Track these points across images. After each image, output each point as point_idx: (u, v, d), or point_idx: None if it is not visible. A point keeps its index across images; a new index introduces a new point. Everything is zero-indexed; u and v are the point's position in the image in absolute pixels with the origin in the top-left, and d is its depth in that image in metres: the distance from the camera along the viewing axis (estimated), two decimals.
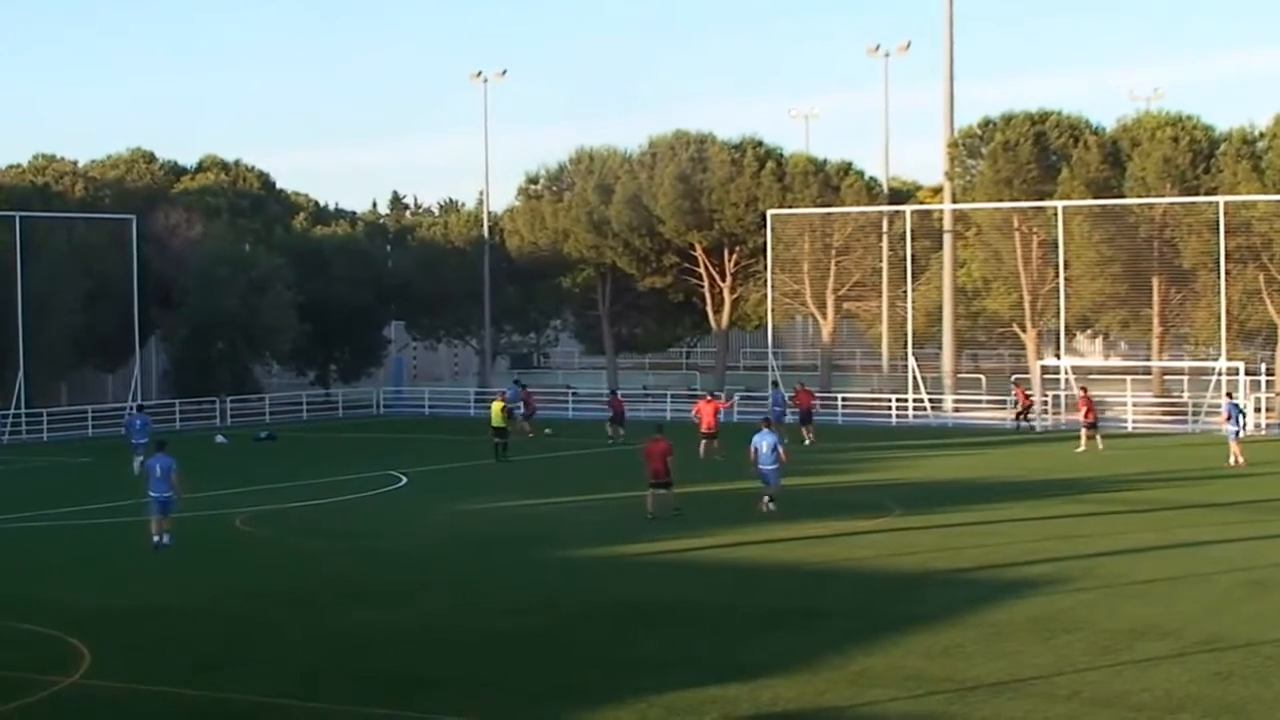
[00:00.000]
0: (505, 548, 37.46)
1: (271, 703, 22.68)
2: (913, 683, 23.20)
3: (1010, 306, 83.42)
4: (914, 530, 39.27)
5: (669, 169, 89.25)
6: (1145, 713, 21.52)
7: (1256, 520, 40.96)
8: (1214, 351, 74.67)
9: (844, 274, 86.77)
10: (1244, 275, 77.30)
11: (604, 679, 23.75)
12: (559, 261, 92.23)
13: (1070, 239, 78.21)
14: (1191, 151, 78.67)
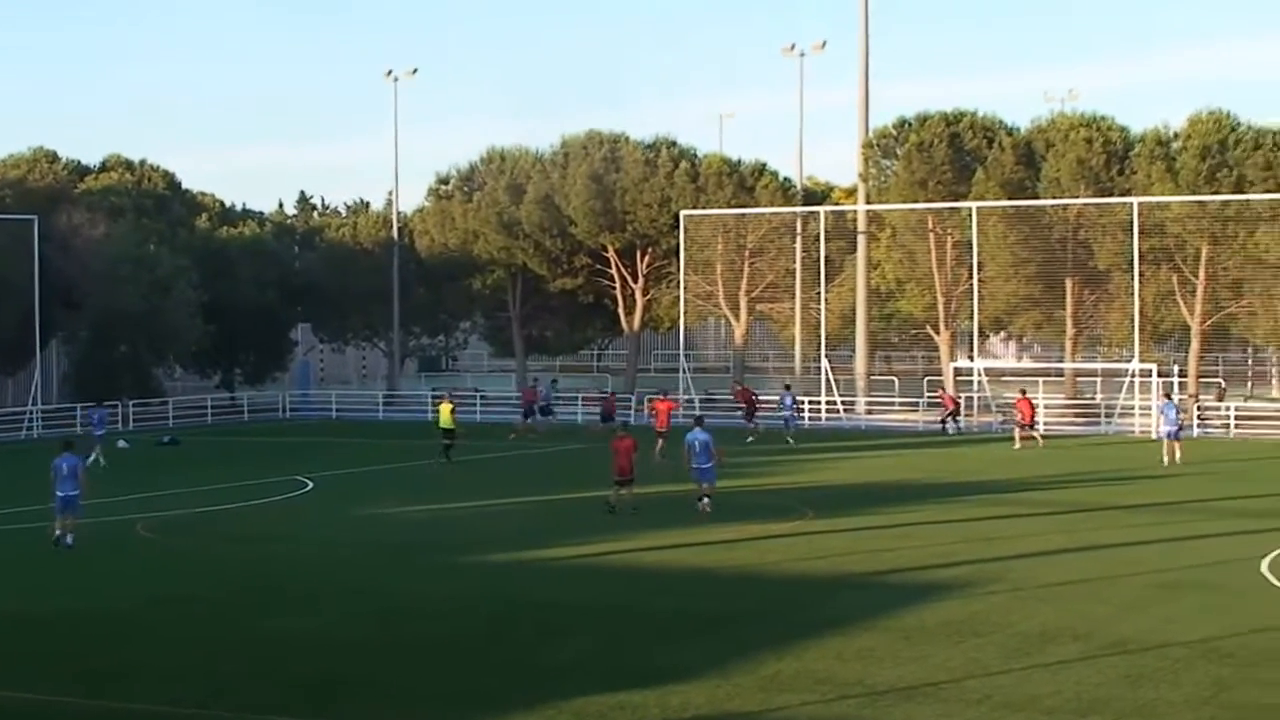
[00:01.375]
0: (416, 553, 37.34)
1: (178, 712, 22.56)
2: (824, 687, 23.30)
3: (924, 308, 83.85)
4: (826, 534, 39.42)
5: (581, 169, 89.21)
6: (1056, 716, 21.68)
7: (1167, 522, 41.28)
8: (1127, 353, 75.30)
9: (757, 275, 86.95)
10: (1157, 277, 77.94)
11: (514, 684, 23.75)
12: (469, 263, 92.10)
13: (984, 240, 78.69)
14: (1105, 153, 79.26)
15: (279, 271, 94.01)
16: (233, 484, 52.08)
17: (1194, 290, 78.02)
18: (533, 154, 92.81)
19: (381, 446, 66.96)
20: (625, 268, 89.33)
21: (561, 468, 58.53)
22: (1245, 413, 74.60)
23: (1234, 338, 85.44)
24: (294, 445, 68.36)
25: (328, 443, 69.62)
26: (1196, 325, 78.48)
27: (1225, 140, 77.39)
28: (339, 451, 64.77)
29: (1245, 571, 33.23)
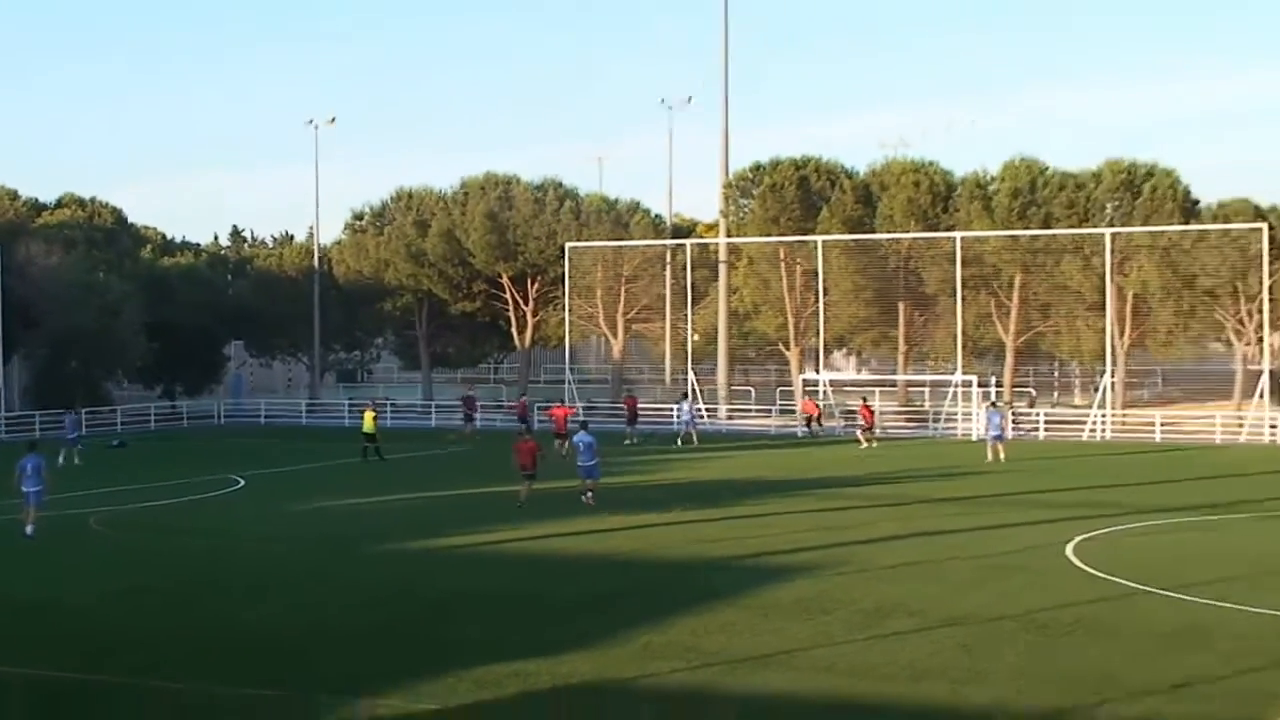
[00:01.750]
0: (334, 544, 36.97)
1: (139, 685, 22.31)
2: (690, 655, 23.28)
3: (777, 328, 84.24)
4: (695, 523, 39.40)
5: (479, 206, 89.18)
6: (893, 682, 21.75)
7: (986, 512, 41.58)
8: (951, 366, 75.83)
9: (633, 299, 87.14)
10: (977, 301, 78.68)
11: (421, 660, 23.60)
12: (381, 288, 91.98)
13: (829, 269, 79.06)
14: (932, 194, 79.96)
15: (214, 296, 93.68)
16: (174, 482, 51.53)
17: (1008, 312, 78.84)
18: (436, 193, 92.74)
19: (304, 448, 66.45)
20: (517, 293, 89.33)
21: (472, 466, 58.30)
22: (1052, 418, 75.27)
23: (1042, 353, 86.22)
24: (227, 448, 67.69)
25: (257, 445, 69.02)
26: (1010, 342, 79.29)
27: (1034, 183, 78.25)
28: (267, 453, 64.22)
29: (1053, 555, 33.47)
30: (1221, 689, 21.01)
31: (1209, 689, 21.01)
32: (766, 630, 25.25)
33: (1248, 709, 19.87)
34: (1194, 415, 73.41)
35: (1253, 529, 38.41)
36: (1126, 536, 36.72)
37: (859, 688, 21.46)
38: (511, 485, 45.57)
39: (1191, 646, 23.69)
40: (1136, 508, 42.19)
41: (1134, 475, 52.85)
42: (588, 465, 43.50)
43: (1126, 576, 30.15)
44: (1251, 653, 23.12)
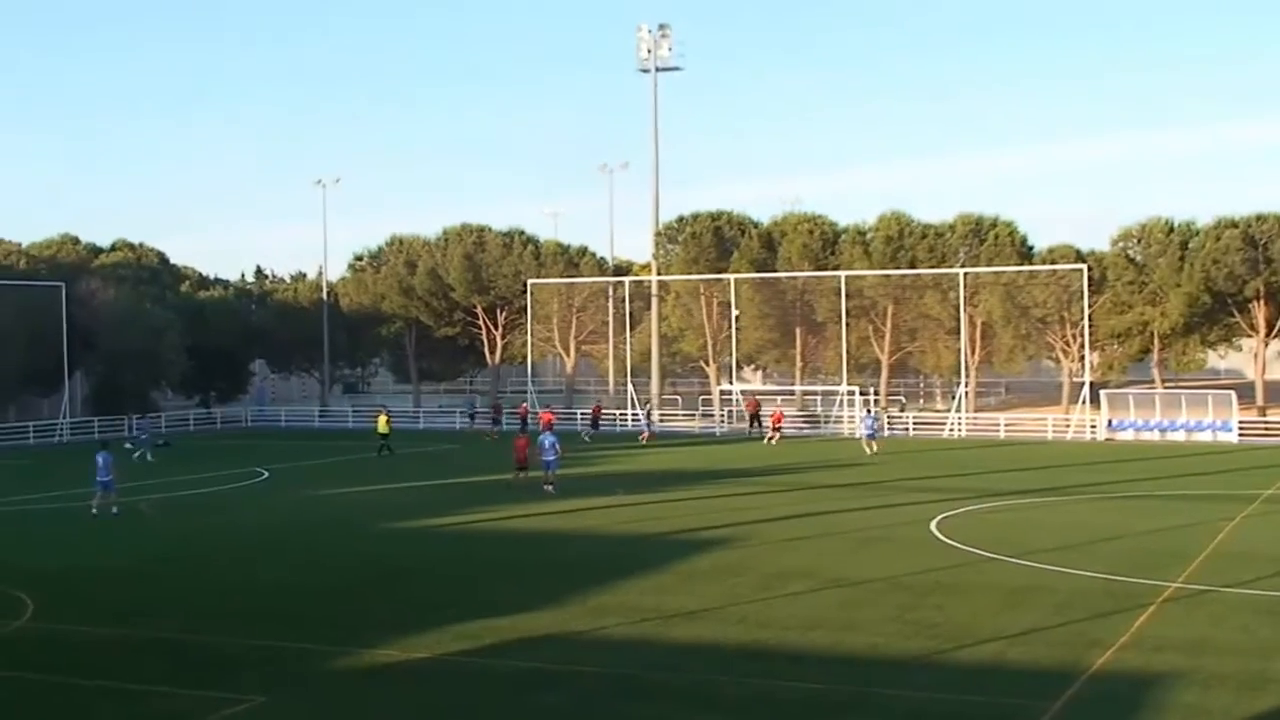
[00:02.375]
0: (339, 523, 36.89)
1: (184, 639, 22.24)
2: (632, 612, 23.40)
3: (698, 348, 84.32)
4: (633, 506, 39.50)
5: (458, 250, 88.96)
6: (791, 631, 21.92)
7: (868, 495, 41.77)
8: (838, 379, 76.06)
9: (583, 325, 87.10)
10: (858, 327, 78.92)
11: (408, 616, 23.61)
12: (378, 316, 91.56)
13: (739, 301, 79.16)
14: (821, 240, 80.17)
15: (241, 322, 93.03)
16: (209, 474, 51.22)
17: (883, 336, 79.09)
18: (423, 239, 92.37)
19: (317, 446, 66.05)
20: (489, 320, 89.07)
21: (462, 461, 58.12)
22: (919, 420, 75.55)
23: (910, 368, 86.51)
24: (254, 446, 67.09)
25: (278, 444, 68.54)
26: (885, 359, 79.53)
27: (903, 232, 78.57)
28: (287, 451, 63.84)
29: (919, 529, 33.71)
30: (1053, 636, 21.26)
31: (1043, 636, 21.25)
32: (691, 592, 25.38)
33: (1074, 653, 20.12)
34: (1030, 417, 73.88)
35: (1078, 508, 38.78)
36: (980, 514, 37.00)
37: (764, 636, 21.62)
38: (491, 476, 45.67)
39: (1030, 603, 23.94)
40: (987, 491, 42.50)
41: (984, 465, 53.19)
42: (549, 459, 43.51)
43: (978, 546, 30.41)
44: (1077, 607, 23.39)
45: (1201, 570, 27.03)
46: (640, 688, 18.74)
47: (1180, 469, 50.68)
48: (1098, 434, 67.74)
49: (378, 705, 18.21)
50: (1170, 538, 31.99)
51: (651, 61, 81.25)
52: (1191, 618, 22.67)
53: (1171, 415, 67.04)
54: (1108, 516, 36.39)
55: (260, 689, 18.70)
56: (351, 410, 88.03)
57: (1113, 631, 21.40)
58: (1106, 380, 76.32)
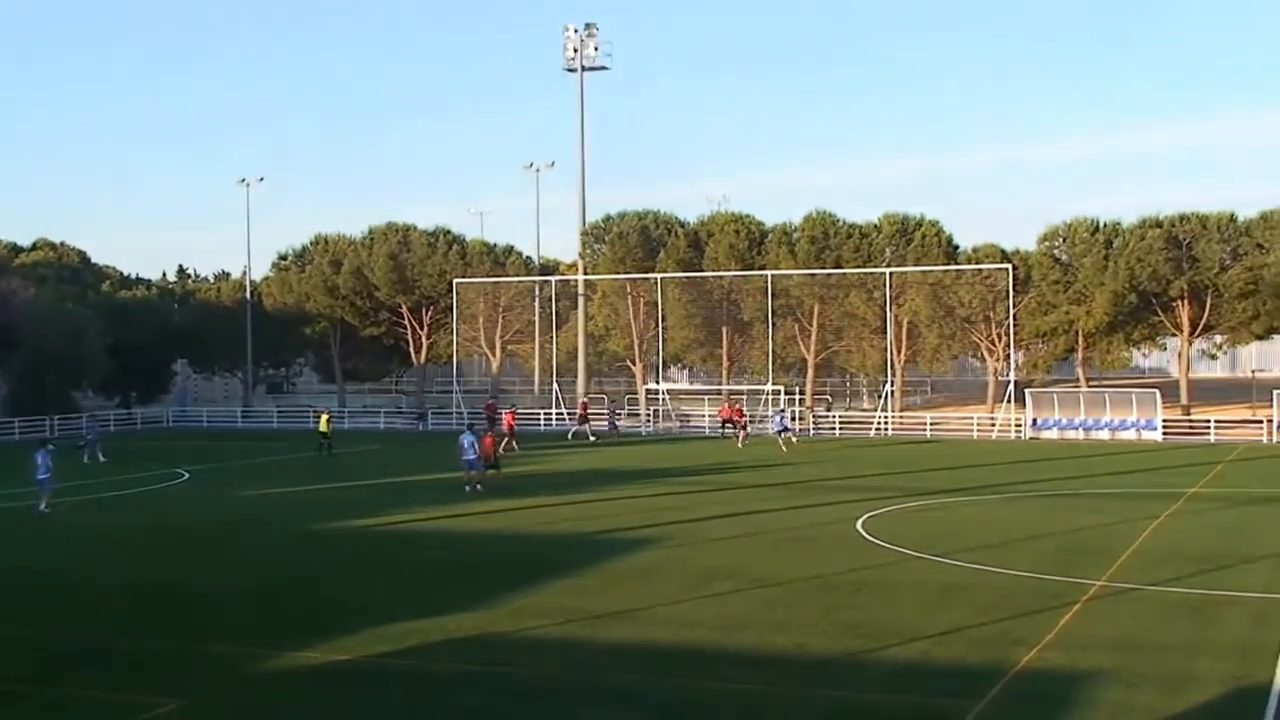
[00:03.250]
0: (259, 524, 36.48)
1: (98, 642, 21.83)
2: (557, 613, 23.22)
3: (625, 348, 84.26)
4: (556, 506, 39.34)
5: (383, 249, 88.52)
6: (716, 631, 21.82)
7: (794, 495, 41.82)
8: (764, 378, 76.23)
9: (508, 325, 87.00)
10: (785, 325, 79.20)
11: (330, 617, 23.32)
12: (302, 316, 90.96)
13: (666, 300, 79.23)
14: (748, 240, 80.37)
15: (163, 322, 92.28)
16: (129, 475, 50.53)
17: (809, 335, 79.44)
18: (348, 238, 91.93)
19: (239, 447, 65.40)
20: (414, 319, 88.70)
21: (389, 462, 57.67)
22: (845, 419, 75.89)
23: (836, 367, 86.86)
24: (175, 447, 66.34)
25: (200, 445, 67.82)
26: (811, 359, 79.88)
27: (829, 232, 78.90)
28: (209, 451, 63.16)
29: (845, 529, 33.75)
30: (978, 635, 21.29)
31: (969, 635, 21.27)
32: (617, 592, 25.24)
33: (999, 651, 20.14)
34: (956, 416, 74.39)
35: (1003, 506, 38.99)
36: (905, 513, 37.10)
37: (690, 636, 21.51)
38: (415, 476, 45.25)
39: (955, 601, 23.98)
40: (913, 490, 42.67)
41: (910, 464, 53.43)
42: (470, 459, 43.19)
43: (904, 545, 30.47)
44: (1001, 606, 23.45)
45: (1126, 568, 27.20)
46: (565, 689, 18.57)
47: (1105, 468, 51.11)
48: (1023, 433, 68.26)
49: (297, 709, 17.94)
50: (1095, 536, 32.19)
51: (578, 61, 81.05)
52: (1116, 616, 22.79)
53: (1096, 414, 67.69)
54: (1032, 515, 36.60)
55: (176, 693, 18.36)
56: (276, 411, 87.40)
57: (1037, 630, 21.46)
58: (1031, 379, 77.02)
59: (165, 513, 39.45)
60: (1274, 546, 29.57)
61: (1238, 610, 23.28)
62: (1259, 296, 71.72)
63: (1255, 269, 71.33)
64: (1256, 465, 52.50)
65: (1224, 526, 34.13)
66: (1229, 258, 73.05)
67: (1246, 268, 71.69)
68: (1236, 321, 73.70)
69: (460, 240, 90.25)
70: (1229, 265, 72.72)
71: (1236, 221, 73.11)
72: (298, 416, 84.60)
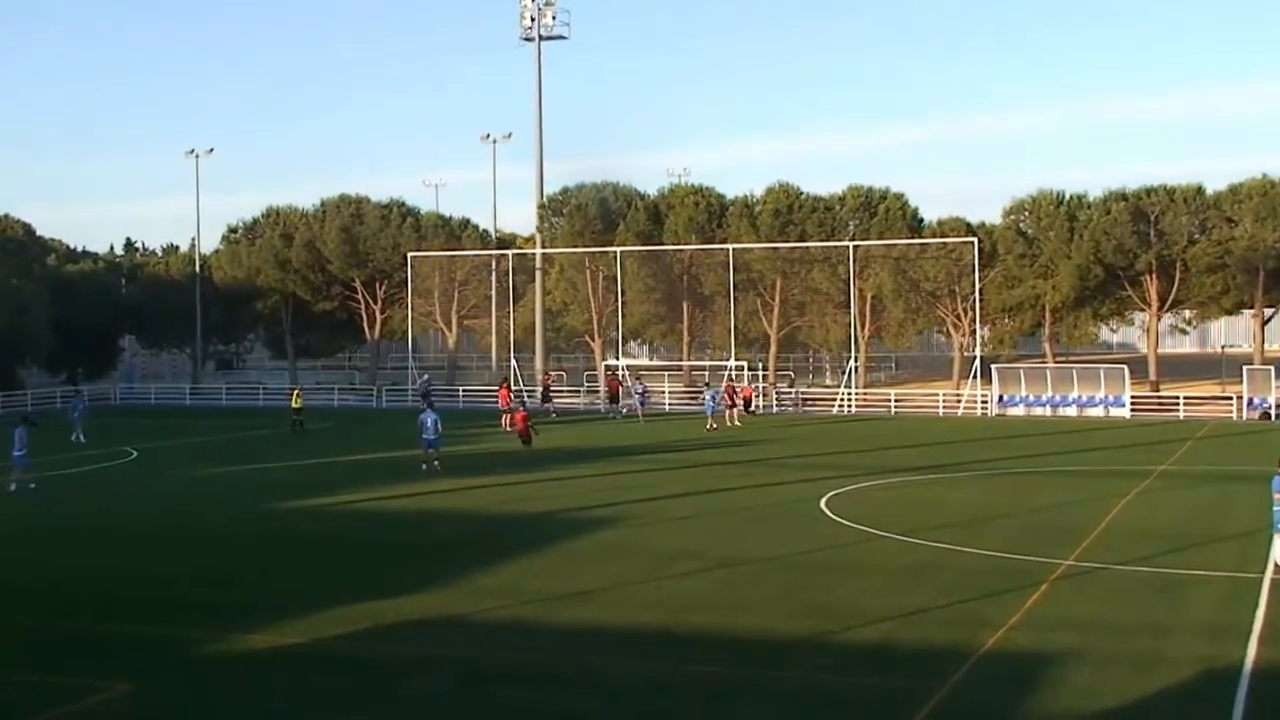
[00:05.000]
0: (214, 504, 36.19)
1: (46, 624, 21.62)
2: (514, 595, 23.13)
3: (583, 323, 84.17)
4: (515, 485, 39.26)
5: (335, 222, 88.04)
6: (678, 613, 21.78)
7: (758, 473, 41.87)
8: (726, 354, 76.22)
9: (464, 300, 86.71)
10: (746, 300, 79.20)
11: (283, 599, 23.17)
12: (253, 290, 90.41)
13: (625, 275, 79.15)
14: (709, 213, 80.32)
15: (110, 297, 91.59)
16: (76, 453, 50.15)
17: (771, 310, 79.48)
18: (299, 211, 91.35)
19: (188, 425, 65.01)
20: (368, 294, 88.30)
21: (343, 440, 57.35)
22: (808, 396, 76.05)
23: (799, 343, 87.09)
24: (122, 425, 65.79)
25: (148, 423, 67.36)
26: (774, 334, 79.94)
27: (792, 205, 78.89)
28: (156, 429, 62.74)
29: (809, 508, 33.77)
30: (944, 616, 21.33)
31: (934, 616, 21.31)
32: (576, 573, 25.18)
33: (965, 633, 20.17)
34: (921, 393, 74.60)
35: (969, 484, 39.12)
36: (870, 492, 37.17)
37: (650, 618, 21.46)
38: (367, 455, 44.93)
39: (920, 582, 24.02)
40: (878, 468, 42.76)
41: (875, 442, 53.56)
42: (430, 438, 43.02)
43: (869, 525, 30.52)
44: (967, 586, 23.50)
45: (1094, 547, 27.31)
46: (522, 672, 18.50)
47: (1072, 445, 51.38)
48: (989, 409, 68.52)
49: (249, 692, 17.81)
50: (1062, 514, 32.33)
51: (535, 30, 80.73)
52: (1084, 596, 22.87)
53: (1063, 390, 68.00)
54: (999, 494, 36.74)
55: (127, 676, 18.20)
56: (225, 388, 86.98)
57: (1004, 611, 21.51)
58: (998, 355, 77.26)
59: (113, 492, 39.16)
60: (1244, 524, 29.73)
61: (1208, 589, 23.39)
62: (1228, 271, 72.06)
63: (1224, 242, 71.65)
64: (1226, 442, 52.84)
65: (1194, 504, 34.32)
66: (1197, 231, 73.34)
67: (1215, 241, 72.00)
68: (1205, 296, 74.01)
69: (415, 213, 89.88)
70: (1197, 239, 73.01)
71: (1204, 194, 73.37)
72: (248, 393, 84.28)
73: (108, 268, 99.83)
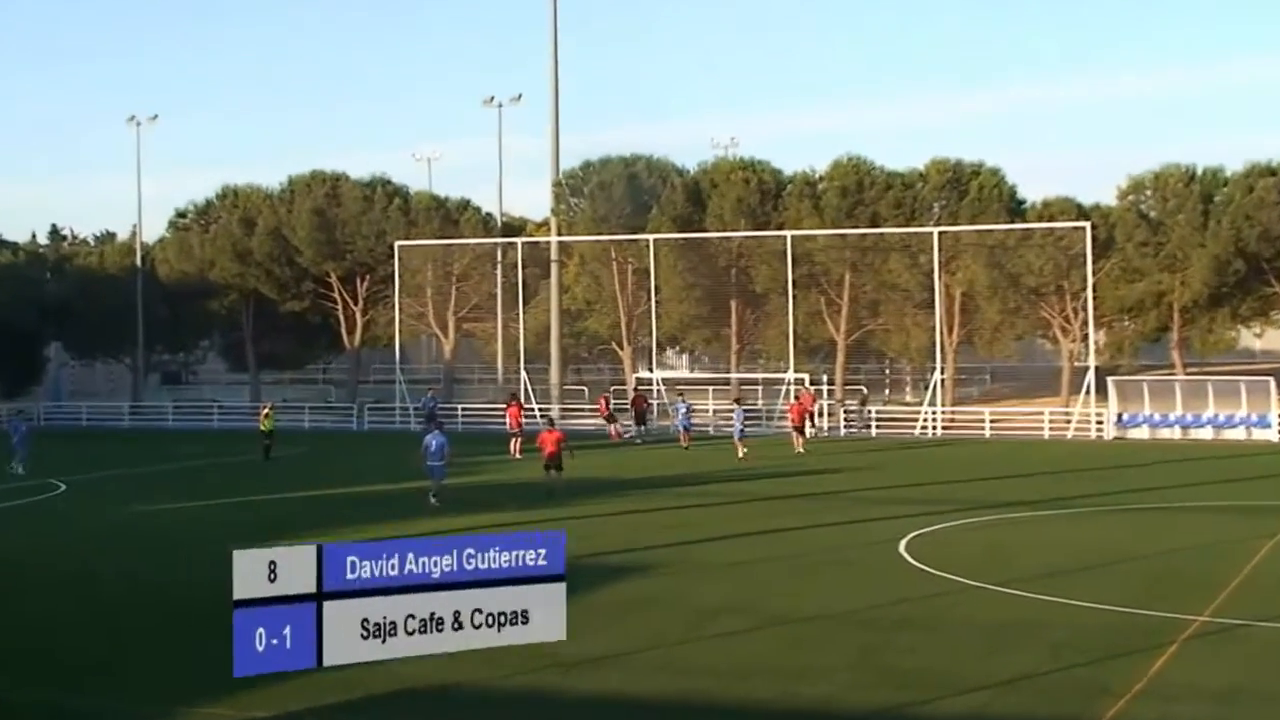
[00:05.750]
0: (163, 549, 36.28)
1: None
2: (527, 658, 23.00)
3: (609, 326, 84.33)
4: (532, 524, 39.23)
5: (306, 204, 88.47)
6: (724, 679, 21.75)
7: (823, 510, 41.68)
8: (783, 364, 76.24)
9: (464, 298, 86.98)
10: (807, 299, 79.22)
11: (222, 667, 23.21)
12: (206, 287, 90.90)
13: (660, 267, 79.27)
14: (761, 192, 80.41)
15: (33, 295, 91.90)
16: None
17: (838, 310, 79.54)
18: (263, 191, 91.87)
19: (128, 452, 65.33)
20: (346, 292, 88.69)
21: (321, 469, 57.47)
22: (884, 415, 76.04)
23: (872, 350, 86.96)
24: (47, 451, 65.97)
25: (79, 448, 67.74)
26: (841, 340, 79.96)
27: (862, 182, 78.99)
28: (89, 457, 63.01)
29: (885, 551, 33.72)
30: (1050, 683, 21.26)
31: (1038, 683, 21.25)
32: (601, 631, 25.14)
33: (1077, 704, 20.11)
34: (1022, 411, 74.48)
35: (1081, 523, 39.05)
36: (958, 532, 37.10)
37: (690, 686, 21.44)
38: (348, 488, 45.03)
39: (1021, 642, 23.96)
40: (968, 503, 42.68)
41: (965, 471, 53.48)
42: (435, 465, 43.20)
43: (957, 572, 30.45)
44: (1079, 647, 23.43)
45: (1234, 601, 27.21)
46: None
47: (1206, 474, 51.21)
48: (1104, 431, 68.40)
49: None
50: (1195, 560, 32.22)
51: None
52: (1221, 659, 22.79)
53: (1196, 408, 67.83)
54: (1117, 534, 36.63)
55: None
56: (173, 406, 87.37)
57: (1124, 676, 21.45)
58: (1115, 365, 77.09)
59: (40, 534, 39.32)
60: None
61: None
62: None
63: None
64: None
65: None
66: None
67: None
68: None
69: (403, 193, 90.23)
70: None
71: None
72: (200, 413, 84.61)
73: (28, 260, 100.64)
